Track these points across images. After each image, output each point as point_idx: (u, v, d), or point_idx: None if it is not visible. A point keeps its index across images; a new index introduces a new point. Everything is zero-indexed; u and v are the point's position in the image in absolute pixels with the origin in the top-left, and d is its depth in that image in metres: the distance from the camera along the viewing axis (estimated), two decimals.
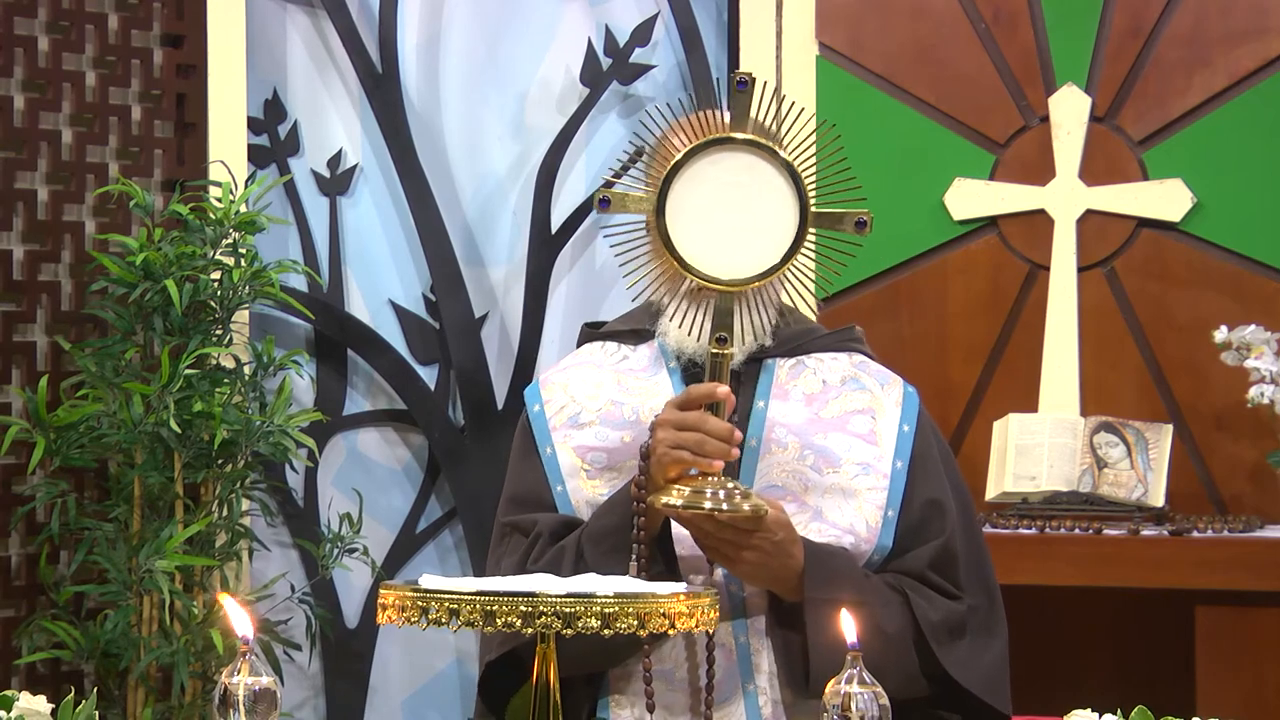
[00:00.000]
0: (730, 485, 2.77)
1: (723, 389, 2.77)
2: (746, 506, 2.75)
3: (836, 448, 2.97)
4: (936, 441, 3.06)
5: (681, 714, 2.94)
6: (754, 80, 2.72)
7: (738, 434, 2.79)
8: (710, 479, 2.76)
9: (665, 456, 2.80)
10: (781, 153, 2.72)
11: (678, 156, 2.73)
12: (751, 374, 3.03)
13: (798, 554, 2.87)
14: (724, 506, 2.75)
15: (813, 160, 2.74)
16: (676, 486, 2.76)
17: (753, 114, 2.74)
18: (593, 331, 3.18)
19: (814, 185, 2.74)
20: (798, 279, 2.85)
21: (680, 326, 2.88)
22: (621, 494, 2.92)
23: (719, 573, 2.91)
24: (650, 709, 2.91)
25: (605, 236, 2.81)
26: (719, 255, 2.74)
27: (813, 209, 2.72)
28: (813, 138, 2.76)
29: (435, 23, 5.20)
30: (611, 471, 2.98)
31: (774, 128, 2.76)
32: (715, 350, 2.76)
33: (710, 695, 2.89)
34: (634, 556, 2.85)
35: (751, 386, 3.02)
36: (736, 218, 2.73)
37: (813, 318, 3.40)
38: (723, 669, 2.93)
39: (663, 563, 2.87)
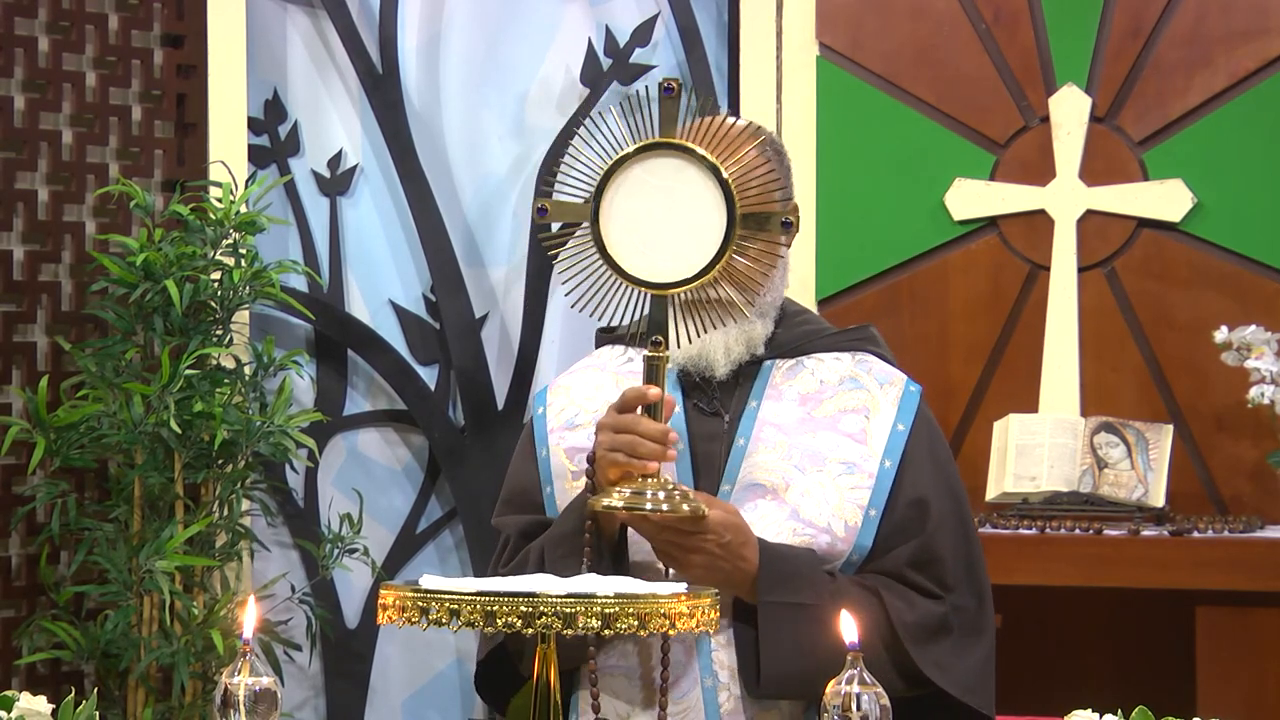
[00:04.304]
0: (671, 486, 2.78)
1: (654, 391, 2.78)
2: (686, 507, 2.76)
3: (823, 446, 2.97)
4: (932, 441, 3.04)
5: (641, 709, 2.94)
6: (681, 86, 2.74)
7: (673, 435, 2.80)
8: (651, 480, 2.77)
9: (604, 459, 2.81)
10: (708, 157, 2.73)
11: (609, 163, 2.76)
12: (749, 375, 3.04)
13: (750, 556, 2.87)
14: (663, 508, 2.76)
15: (740, 163, 2.75)
16: (618, 489, 2.77)
17: (681, 119, 2.76)
18: (605, 335, 3.19)
19: (740, 187, 2.75)
20: (752, 279, 2.84)
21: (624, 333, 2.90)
22: (579, 499, 2.93)
23: (672, 576, 2.91)
24: (595, 709, 2.92)
25: (543, 245, 2.84)
26: (652, 259, 2.76)
27: (739, 211, 2.74)
28: (739, 140, 2.77)
29: (435, 23, 5.20)
30: None
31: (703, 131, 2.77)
32: (650, 353, 2.78)
33: (665, 693, 2.90)
34: (584, 560, 2.86)
35: (748, 388, 3.03)
36: (668, 222, 2.75)
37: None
38: (680, 664, 2.94)
39: (613, 567, 2.88)
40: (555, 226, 2.86)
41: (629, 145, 2.76)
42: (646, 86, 2.80)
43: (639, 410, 2.79)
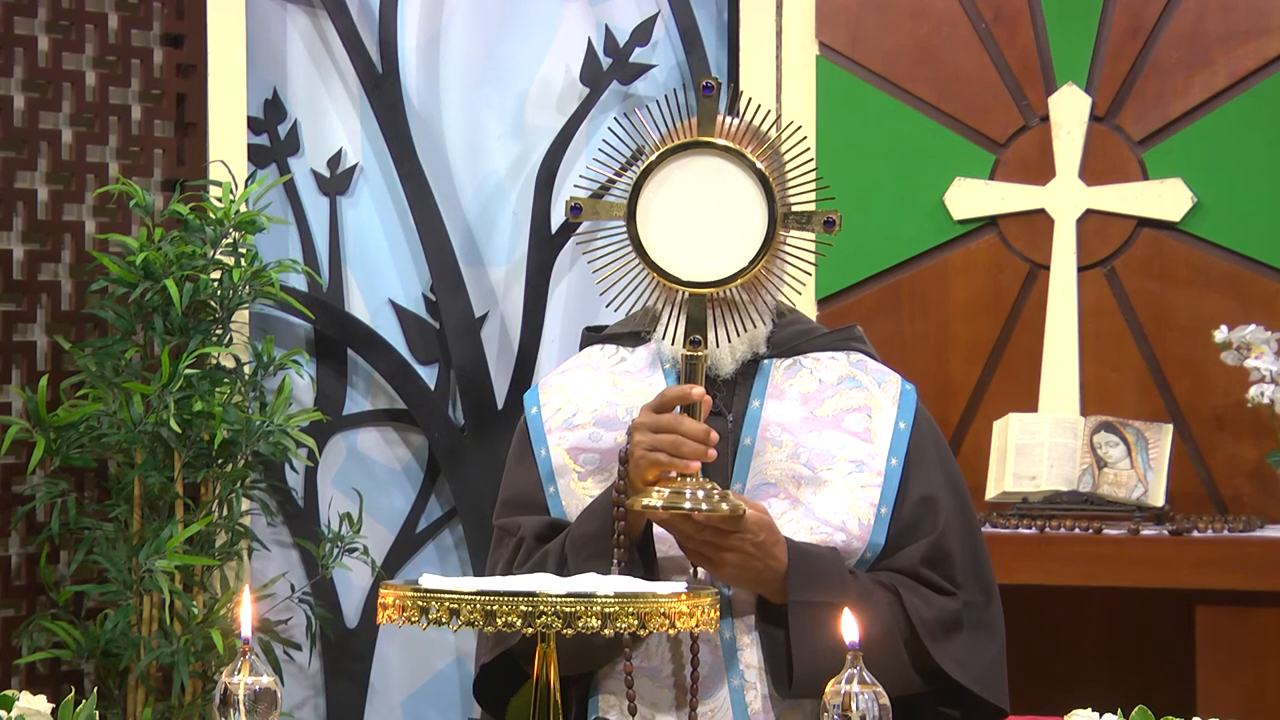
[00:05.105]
0: (709, 486, 2.78)
1: (697, 390, 2.78)
2: (725, 507, 2.76)
3: (831, 445, 2.98)
4: (934, 439, 3.06)
5: (667, 710, 2.95)
6: (721, 84, 2.74)
7: (714, 435, 2.80)
8: (689, 480, 2.77)
9: (643, 459, 2.81)
10: (749, 156, 2.73)
11: (646, 161, 2.75)
12: (748, 375, 3.04)
13: (781, 555, 2.87)
14: (703, 507, 2.76)
15: (780, 162, 2.75)
16: (656, 488, 2.77)
17: (719, 118, 2.76)
18: (593, 335, 3.19)
19: (782, 186, 2.75)
20: (779, 280, 2.86)
21: (664, 336, 2.91)
22: (603, 499, 2.93)
23: (701, 575, 2.92)
24: (632, 711, 2.91)
25: (578, 244, 2.83)
26: (690, 258, 2.75)
27: (780, 210, 2.73)
28: (780, 139, 2.77)
29: (435, 23, 5.20)
30: (603, 473, 2.98)
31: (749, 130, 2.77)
32: (689, 352, 2.78)
33: (695, 693, 2.90)
34: (614, 561, 2.85)
35: (748, 387, 3.03)
36: (707, 221, 2.75)
37: (812, 317, 3.41)
38: (708, 665, 2.94)
39: (643, 568, 2.88)
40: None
41: (666, 143, 2.75)
42: (685, 84, 2.79)
43: (676, 409, 2.79)
